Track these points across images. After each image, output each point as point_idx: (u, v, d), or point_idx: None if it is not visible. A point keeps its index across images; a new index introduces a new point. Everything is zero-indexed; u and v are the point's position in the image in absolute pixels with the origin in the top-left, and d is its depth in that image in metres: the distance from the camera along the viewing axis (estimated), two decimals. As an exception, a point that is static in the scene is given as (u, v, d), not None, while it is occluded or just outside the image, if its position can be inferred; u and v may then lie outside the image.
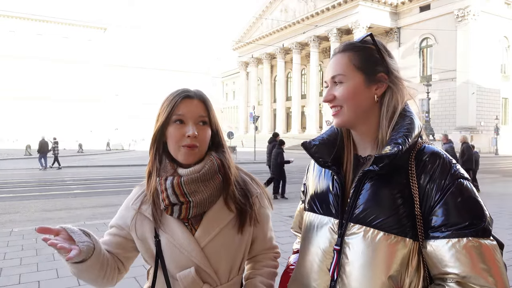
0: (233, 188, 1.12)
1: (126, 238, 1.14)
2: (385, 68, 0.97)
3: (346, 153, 1.04)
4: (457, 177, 0.87)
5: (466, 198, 0.85)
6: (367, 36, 0.99)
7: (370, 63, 0.97)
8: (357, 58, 0.97)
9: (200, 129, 1.08)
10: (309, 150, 1.05)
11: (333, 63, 1.00)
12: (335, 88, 0.98)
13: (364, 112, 0.97)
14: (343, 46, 1.01)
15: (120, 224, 1.15)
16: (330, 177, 1.03)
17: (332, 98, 0.98)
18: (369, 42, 0.99)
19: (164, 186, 1.07)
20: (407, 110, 0.97)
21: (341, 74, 0.97)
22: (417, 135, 0.93)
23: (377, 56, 0.97)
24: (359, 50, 0.98)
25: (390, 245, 0.87)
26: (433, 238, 0.85)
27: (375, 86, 0.97)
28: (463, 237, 0.82)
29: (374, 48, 0.98)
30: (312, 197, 1.08)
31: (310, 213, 1.07)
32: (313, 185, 1.09)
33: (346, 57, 0.98)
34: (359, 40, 1.00)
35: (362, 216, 0.92)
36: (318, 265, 0.98)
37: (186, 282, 1.06)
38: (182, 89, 1.12)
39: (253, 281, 1.19)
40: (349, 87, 0.96)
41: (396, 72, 0.98)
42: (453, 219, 0.84)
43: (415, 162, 0.91)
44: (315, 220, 1.03)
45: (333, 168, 1.01)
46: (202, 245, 1.07)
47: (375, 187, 0.92)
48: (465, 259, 0.81)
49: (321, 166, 1.05)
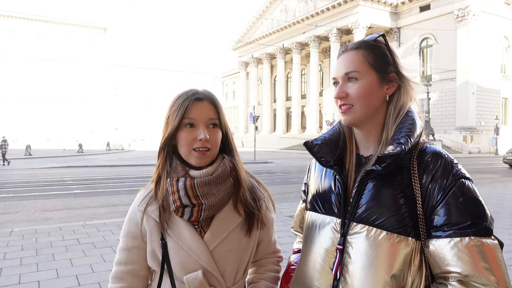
0: (244, 192, 1.12)
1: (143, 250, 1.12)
2: (395, 69, 0.98)
3: (348, 153, 1.04)
4: (458, 177, 0.88)
5: (468, 198, 0.86)
6: (379, 36, 1.00)
7: (383, 62, 0.97)
8: (371, 56, 0.97)
9: (211, 132, 1.07)
10: (311, 149, 1.05)
11: (345, 60, 0.98)
12: (348, 85, 0.97)
13: (374, 111, 0.98)
14: (357, 43, 1.00)
15: (132, 231, 1.12)
16: (332, 176, 1.04)
17: (344, 95, 0.98)
18: (381, 42, 0.99)
19: (176, 187, 1.05)
20: (409, 110, 0.98)
21: (356, 70, 0.96)
22: (419, 135, 0.94)
23: (389, 56, 0.98)
24: (373, 49, 0.98)
25: (393, 244, 0.88)
26: (435, 238, 0.86)
27: (387, 85, 0.97)
28: (465, 236, 0.82)
29: (386, 48, 0.98)
30: (314, 196, 1.08)
31: (312, 212, 1.07)
32: (315, 185, 1.09)
33: (360, 54, 0.97)
34: (372, 38, 1.00)
35: (364, 216, 0.92)
36: (320, 265, 0.99)
37: (193, 285, 1.05)
38: (191, 90, 1.10)
39: (257, 286, 1.18)
40: (364, 85, 0.96)
41: (405, 73, 0.99)
42: (455, 219, 0.84)
43: (417, 162, 0.92)
44: (318, 220, 1.04)
45: (335, 167, 1.01)
46: (211, 248, 1.07)
47: (377, 187, 0.92)
48: (467, 258, 0.81)
49: (323, 166, 1.05)
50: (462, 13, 31.98)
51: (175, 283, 1.07)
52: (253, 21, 51.09)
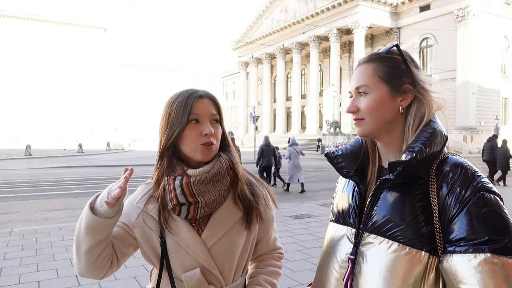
0: (242, 186, 1.13)
1: (128, 233, 1.13)
2: (411, 79, 0.95)
3: (370, 164, 1.04)
4: (479, 189, 0.82)
5: (488, 211, 0.79)
6: (393, 46, 0.98)
7: (396, 74, 0.95)
8: (382, 69, 0.95)
9: (214, 127, 1.10)
10: (332, 160, 1.05)
11: (357, 74, 0.98)
12: (359, 99, 0.97)
13: (388, 123, 0.95)
14: (368, 56, 0.99)
15: (123, 221, 1.13)
16: (352, 187, 1.04)
17: (355, 110, 0.97)
18: (394, 53, 0.97)
19: (172, 185, 1.07)
20: (431, 120, 0.94)
21: (365, 85, 0.95)
22: (440, 144, 0.90)
23: (403, 67, 0.95)
24: (384, 61, 0.96)
25: (404, 258, 0.84)
26: (449, 253, 0.81)
27: (401, 97, 0.94)
28: (480, 252, 0.76)
29: (400, 59, 0.96)
30: (335, 207, 1.09)
31: (332, 223, 1.08)
32: (338, 196, 1.10)
33: (371, 68, 0.96)
34: (385, 50, 0.98)
35: (377, 226, 0.90)
36: (334, 275, 0.98)
37: (191, 283, 1.06)
38: (191, 89, 1.12)
39: (256, 279, 1.19)
40: (373, 99, 0.94)
41: (422, 83, 0.95)
42: (471, 233, 0.78)
43: (436, 172, 0.88)
44: (336, 230, 1.04)
45: (355, 178, 1.01)
46: (209, 246, 1.08)
47: (392, 197, 0.90)
48: (481, 277, 0.75)
49: (344, 177, 1.05)
50: (462, 13, 31.98)
51: (174, 281, 1.08)
52: (253, 21, 51.10)
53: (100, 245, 1.04)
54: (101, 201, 1.01)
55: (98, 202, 1.02)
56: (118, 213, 1.04)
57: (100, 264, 1.08)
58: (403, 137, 0.95)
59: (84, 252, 1.04)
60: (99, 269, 1.08)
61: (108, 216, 1.01)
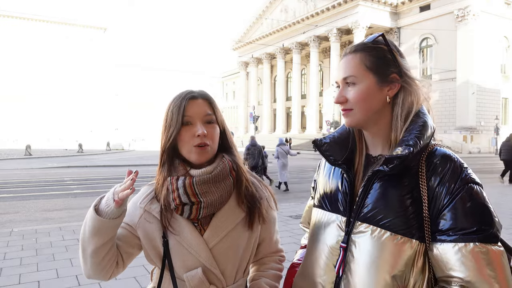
0: (245, 187, 1.13)
1: (132, 233, 1.14)
2: (397, 69, 0.96)
3: (358, 152, 1.04)
4: (467, 181, 0.86)
5: (476, 203, 0.85)
6: (379, 36, 0.98)
7: (382, 63, 0.95)
8: (368, 58, 0.96)
9: (208, 128, 1.09)
10: (320, 148, 1.06)
11: (344, 64, 0.98)
12: (347, 89, 0.97)
13: (375, 113, 0.97)
14: (354, 46, 0.99)
15: (127, 222, 1.14)
16: (340, 175, 1.04)
17: (344, 100, 0.98)
18: (380, 42, 0.98)
19: (175, 185, 1.07)
20: (421, 111, 0.95)
21: (353, 75, 0.96)
22: (429, 136, 0.92)
23: (389, 56, 0.96)
24: (370, 51, 0.96)
25: (396, 245, 0.88)
26: (439, 241, 0.85)
27: (388, 87, 0.96)
28: (470, 242, 0.81)
29: (386, 48, 0.96)
30: (321, 194, 1.09)
31: (319, 209, 1.08)
32: (323, 183, 1.10)
33: (357, 58, 0.96)
34: (371, 40, 0.99)
35: (369, 215, 0.92)
36: (324, 261, 0.99)
37: (193, 283, 1.06)
38: (185, 91, 1.13)
39: (258, 282, 1.19)
40: (361, 90, 0.95)
41: (409, 72, 0.96)
42: (461, 224, 0.83)
43: (425, 164, 0.90)
44: (324, 217, 1.04)
45: (343, 166, 1.01)
46: (211, 246, 1.08)
47: (384, 187, 0.92)
48: (470, 264, 0.80)
49: (332, 164, 1.05)
50: (462, 13, 31.98)
51: (176, 281, 1.08)
52: (253, 21, 51.08)
53: (105, 246, 1.05)
54: (106, 202, 1.02)
55: (103, 204, 1.03)
56: (123, 214, 1.05)
57: (106, 265, 1.08)
58: (390, 126, 0.97)
59: (90, 254, 1.05)
60: (105, 270, 1.09)
61: (113, 217, 1.02)
